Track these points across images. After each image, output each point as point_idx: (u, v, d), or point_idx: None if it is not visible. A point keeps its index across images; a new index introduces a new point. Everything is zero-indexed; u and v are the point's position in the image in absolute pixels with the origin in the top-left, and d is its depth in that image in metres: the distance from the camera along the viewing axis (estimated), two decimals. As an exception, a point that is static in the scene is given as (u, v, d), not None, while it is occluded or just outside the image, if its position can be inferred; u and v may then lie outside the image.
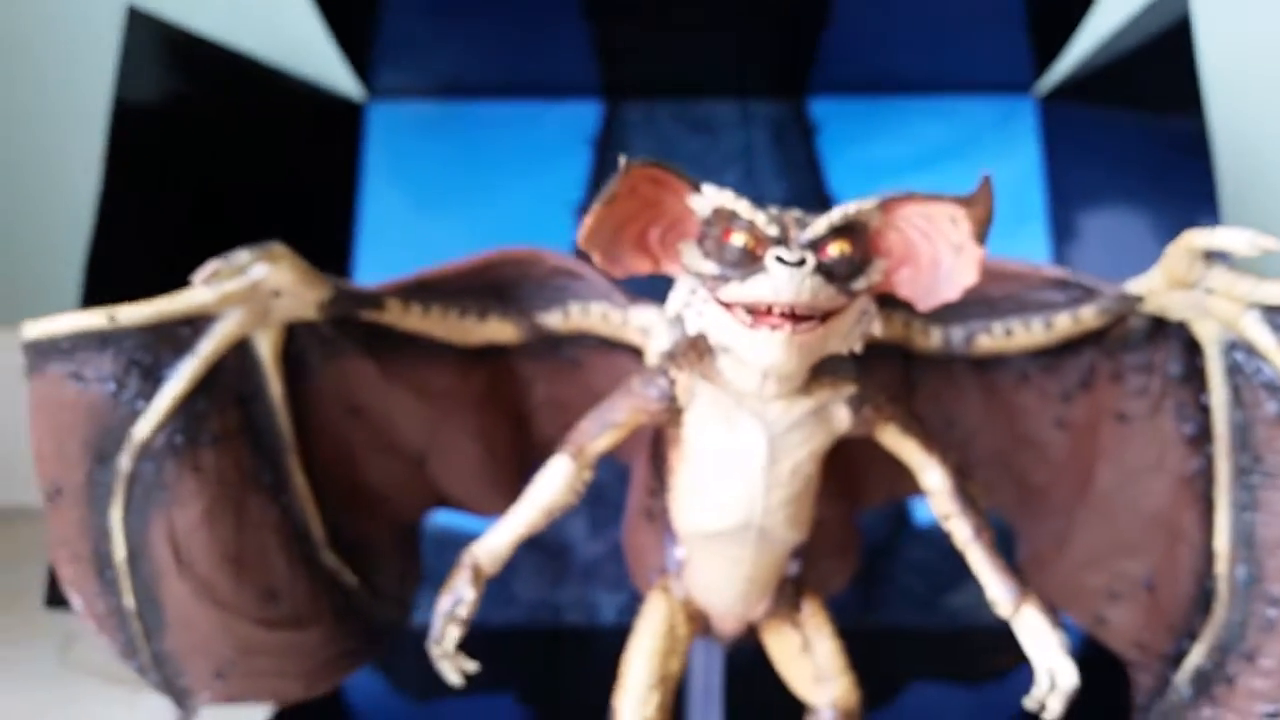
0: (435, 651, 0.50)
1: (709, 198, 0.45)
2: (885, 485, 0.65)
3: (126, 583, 0.55)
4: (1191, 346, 0.53)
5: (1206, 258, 0.50)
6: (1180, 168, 0.90)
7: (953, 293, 0.47)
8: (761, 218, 0.44)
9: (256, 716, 0.80)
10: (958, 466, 0.53)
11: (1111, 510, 0.59)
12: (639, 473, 0.62)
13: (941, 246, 0.46)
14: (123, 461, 0.52)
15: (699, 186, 0.45)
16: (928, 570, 0.96)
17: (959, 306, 0.57)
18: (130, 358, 0.51)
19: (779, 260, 0.42)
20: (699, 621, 0.58)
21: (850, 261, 0.45)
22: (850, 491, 0.64)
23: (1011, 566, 0.53)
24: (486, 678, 0.90)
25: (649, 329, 0.57)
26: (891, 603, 0.95)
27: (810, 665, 0.58)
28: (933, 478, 0.52)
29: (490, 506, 0.65)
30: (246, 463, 0.54)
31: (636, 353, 0.59)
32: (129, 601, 0.55)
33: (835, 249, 0.44)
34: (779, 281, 0.42)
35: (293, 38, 1.05)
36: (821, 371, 0.50)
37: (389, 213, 1.04)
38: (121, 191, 0.87)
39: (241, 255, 0.50)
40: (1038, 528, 0.64)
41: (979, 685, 0.88)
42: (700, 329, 0.47)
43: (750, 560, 0.52)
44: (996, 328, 0.57)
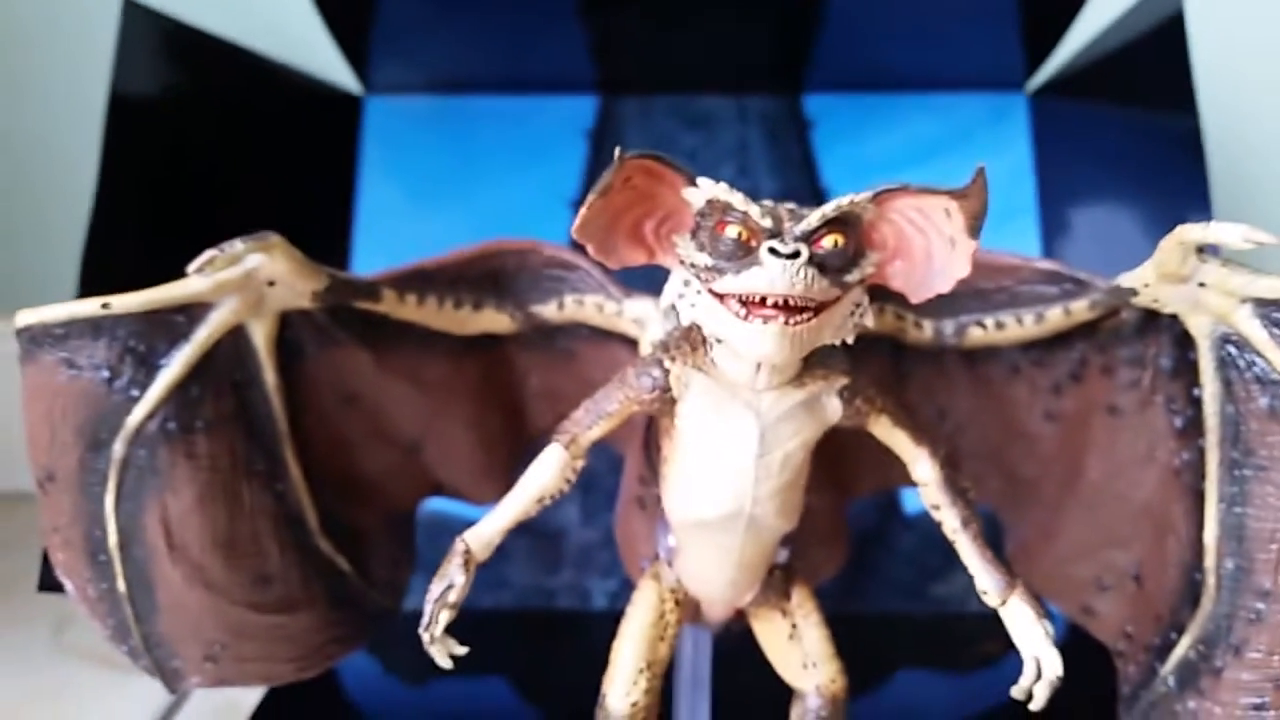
0: (426, 636, 0.51)
1: (704, 190, 0.45)
2: (875, 475, 0.65)
3: (119, 567, 0.55)
4: (1183, 340, 0.53)
5: (1200, 251, 0.50)
6: (1172, 164, 0.90)
7: (945, 285, 0.47)
8: (756, 210, 0.44)
9: (249, 699, 0.81)
10: (948, 458, 0.53)
11: (1100, 502, 0.59)
12: (631, 461, 0.62)
13: (935, 239, 0.47)
14: (116, 447, 0.52)
15: (694, 179, 0.46)
16: (916, 558, 0.97)
17: (951, 299, 0.57)
18: (124, 345, 0.51)
19: (773, 252, 0.43)
20: (688, 608, 0.58)
21: (843, 254, 0.45)
22: (840, 481, 0.65)
23: (999, 557, 0.53)
24: (479, 661, 0.91)
25: (643, 320, 0.57)
26: (880, 590, 0.96)
27: (798, 652, 0.58)
28: (923, 469, 0.53)
29: (484, 495, 0.66)
30: (240, 449, 0.55)
31: (631, 344, 0.59)
32: (121, 586, 0.56)
33: (829, 241, 0.45)
34: (773, 273, 0.43)
35: (290, 32, 1.05)
36: (814, 363, 0.50)
37: (386, 206, 1.05)
38: (119, 183, 0.86)
39: (236, 245, 0.50)
40: (1026, 519, 0.65)
41: (966, 673, 0.89)
42: (694, 320, 0.47)
43: (740, 548, 0.53)
44: (988, 320, 0.58)
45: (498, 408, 0.64)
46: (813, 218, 0.44)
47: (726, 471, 0.50)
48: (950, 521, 0.53)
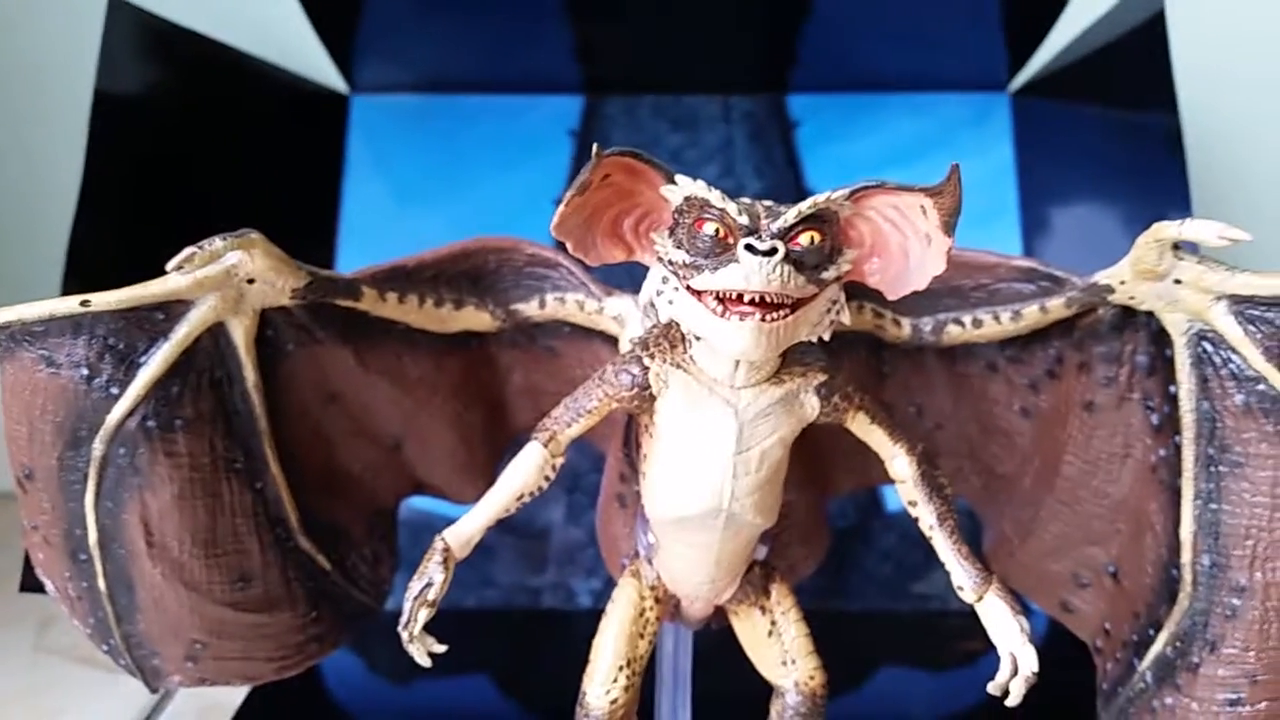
0: (404, 634, 0.51)
1: (682, 187, 0.46)
2: (854, 473, 0.65)
3: (99, 566, 0.55)
4: (1160, 337, 0.54)
5: (1175, 249, 0.50)
6: (1152, 163, 0.91)
7: (921, 282, 0.48)
8: (733, 207, 0.44)
9: (233, 699, 0.81)
10: (925, 455, 0.53)
11: (1077, 499, 0.60)
12: (612, 459, 0.63)
13: (911, 236, 0.47)
14: (95, 445, 0.52)
15: (673, 176, 0.46)
16: (898, 555, 0.97)
17: (929, 297, 0.58)
18: (103, 343, 0.51)
19: (749, 249, 0.43)
20: (668, 605, 0.59)
21: (820, 251, 0.46)
22: (819, 479, 0.65)
23: (976, 553, 0.53)
24: (463, 660, 0.91)
25: (623, 318, 0.57)
26: (861, 587, 0.97)
27: (777, 648, 0.59)
28: (900, 465, 0.53)
29: (466, 493, 0.66)
30: (220, 447, 0.55)
31: (612, 341, 0.59)
32: (101, 584, 0.56)
33: (805, 238, 0.45)
34: (749, 270, 0.43)
35: (276, 31, 1.05)
36: (791, 360, 0.51)
37: (371, 205, 1.05)
38: (103, 181, 0.87)
39: (216, 242, 0.50)
40: (1004, 515, 0.65)
41: (947, 670, 0.89)
42: (672, 317, 0.47)
43: (719, 545, 0.53)
44: (966, 318, 0.58)
45: (479, 406, 0.64)
46: (789, 215, 0.44)
47: (705, 468, 0.50)
48: (926, 518, 0.53)
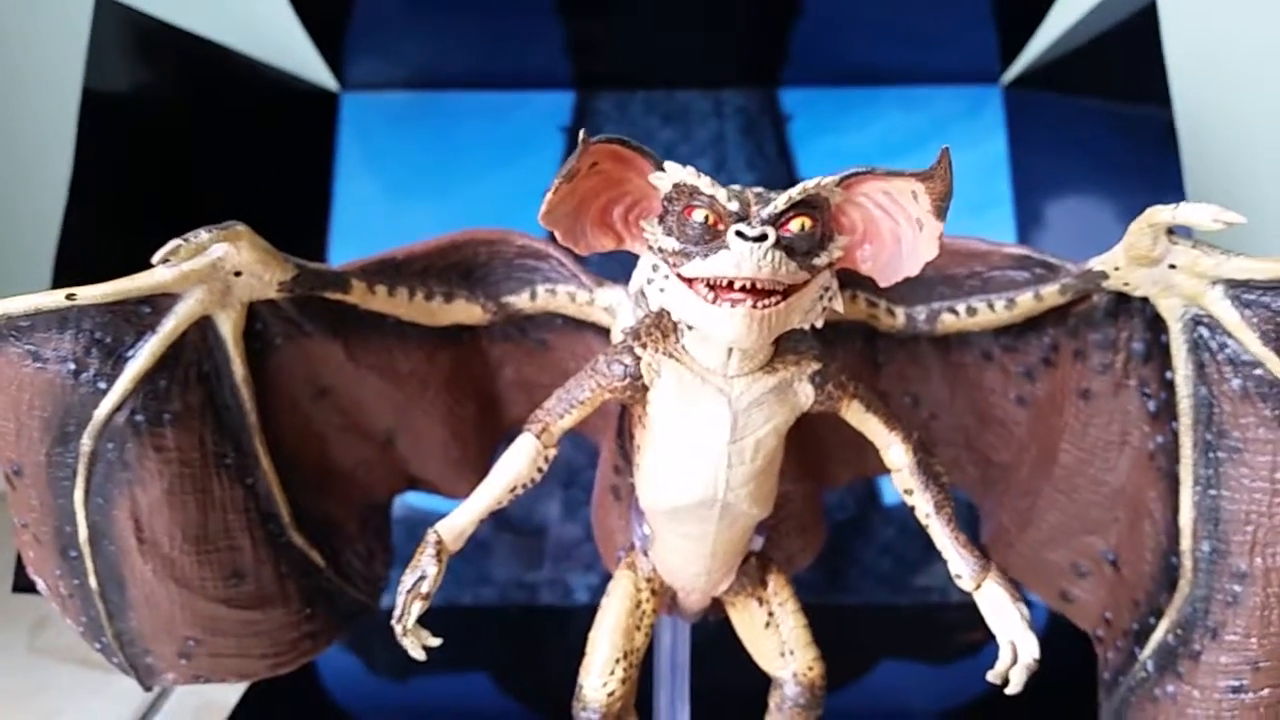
0: (398, 628, 0.50)
1: (671, 174, 0.45)
2: (851, 464, 0.65)
3: (89, 563, 0.55)
4: (1155, 323, 0.53)
5: (1170, 233, 0.50)
6: (1146, 154, 0.91)
7: (914, 268, 0.47)
8: (722, 193, 0.44)
9: (229, 698, 0.81)
10: (920, 443, 0.53)
11: (1075, 487, 0.59)
12: (606, 451, 0.62)
13: (902, 222, 0.47)
14: (84, 441, 0.52)
15: (661, 163, 0.46)
16: (897, 549, 0.97)
17: (923, 286, 0.58)
18: (90, 337, 0.50)
19: (739, 235, 0.43)
20: (664, 597, 0.58)
21: (811, 237, 0.45)
22: (815, 470, 0.65)
23: (974, 541, 0.53)
24: (461, 657, 0.91)
25: (615, 309, 0.57)
26: (860, 581, 0.97)
27: (775, 640, 0.58)
28: (895, 454, 0.53)
29: (459, 488, 0.65)
30: (209, 442, 0.54)
31: (604, 333, 0.59)
32: (92, 582, 0.55)
33: (796, 224, 0.45)
34: (740, 256, 0.43)
35: (266, 30, 1.05)
36: (785, 348, 0.50)
37: (362, 202, 1.05)
38: (92, 179, 0.86)
39: (201, 234, 0.50)
40: (1001, 505, 0.65)
41: (947, 662, 0.89)
42: (662, 305, 0.47)
43: (714, 536, 0.53)
44: (960, 306, 0.57)
45: (472, 400, 0.64)
46: (779, 201, 0.44)
47: (699, 458, 0.50)
48: (923, 506, 0.52)
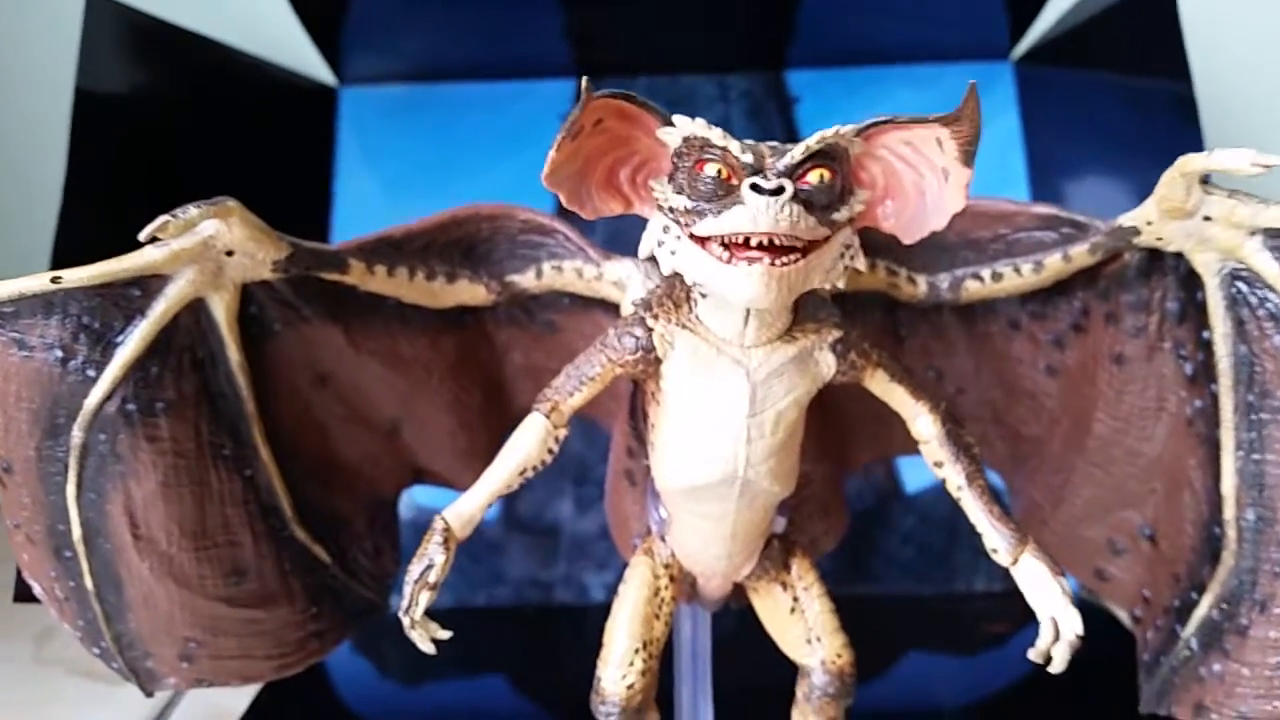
0: (406, 620, 0.48)
1: (680, 127, 0.43)
2: (874, 444, 0.63)
3: (85, 563, 0.53)
4: (1190, 280, 0.51)
5: (1204, 183, 0.48)
6: (1165, 129, 0.88)
7: (940, 221, 0.45)
8: (735, 145, 0.42)
9: (238, 705, 0.79)
10: (949, 412, 0.50)
11: (1109, 459, 0.57)
12: (618, 434, 0.60)
13: (926, 173, 0.45)
14: (75, 433, 0.50)
15: (669, 118, 0.43)
16: (919, 538, 0.95)
17: (945, 251, 0.55)
18: (78, 322, 0.48)
19: (755, 189, 0.40)
20: (684, 584, 0.56)
21: (831, 189, 0.43)
22: (837, 450, 0.62)
23: (1008, 512, 0.50)
24: (476, 659, 0.89)
25: (624, 282, 0.54)
26: (884, 571, 0.95)
27: (801, 626, 0.56)
28: (923, 424, 0.50)
29: (468, 480, 0.61)
30: (205, 431, 0.52)
31: (614, 310, 0.56)
32: (88, 582, 0.53)
33: (815, 176, 0.42)
34: (756, 211, 0.40)
35: (262, 25, 1.03)
36: (804, 316, 0.48)
37: (363, 197, 1.03)
38: (86, 179, 0.85)
39: (190, 210, 0.48)
40: (1033, 482, 0.62)
41: (975, 654, 0.87)
42: (675, 269, 0.45)
43: (734, 516, 0.50)
44: (985, 272, 0.55)
45: (478, 387, 0.61)
46: (796, 151, 0.42)
47: (717, 433, 0.47)
48: (954, 479, 0.50)
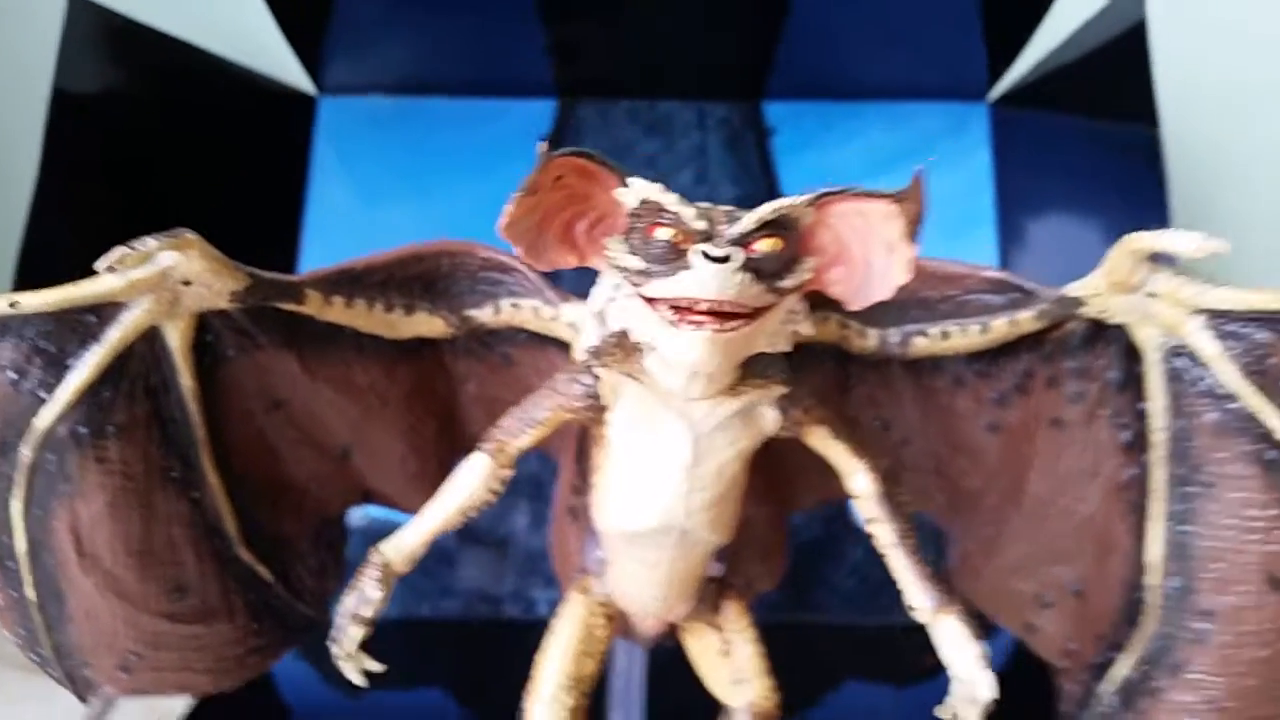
0: (337, 651, 0.49)
1: (636, 190, 0.44)
2: (818, 487, 0.63)
3: (26, 575, 0.53)
4: (1131, 352, 0.52)
5: (1151, 260, 0.49)
6: (1131, 174, 0.90)
7: (885, 293, 0.46)
8: (689, 212, 0.43)
9: (180, 704, 0.79)
10: (886, 472, 0.52)
11: (1043, 517, 0.58)
12: (565, 470, 0.61)
13: (874, 244, 0.46)
14: (23, 451, 0.50)
15: (626, 178, 0.44)
16: (864, 569, 0.96)
17: (896, 308, 0.56)
18: (32, 345, 0.49)
19: (705, 256, 0.41)
20: (618, 622, 0.57)
21: (779, 258, 0.44)
22: (779, 493, 0.63)
23: (935, 573, 0.52)
24: (420, 671, 0.90)
25: (579, 325, 0.55)
26: (827, 600, 0.96)
27: (731, 667, 0.57)
28: (860, 482, 0.51)
29: (416, 503, 0.62)
30: (154, 455, 0.53)
31: (568, 349, 0.57)
32: (30, 594, 0.54)
33: (764, 245, 0.43)
34: (704, 277, 0.42)
35: (244, 32, 1.03)
36: (750, 371, 0.49)
37: (337, 207, 1.04)
38: (60, 183, 0.85)
39: (149, 242, 0.48)
40: (970, 532, 0.63)
41: (912, 684, 0.89)
42: (623, 326, 0.46)
43: (670, 562, 0.51)
44: (933, 330, 0.56)
45: (432, 415, 0.62)
46: (747, 220, 0.43)
47: (657, 482, 0.49)
48: (886, 536, 0.51)
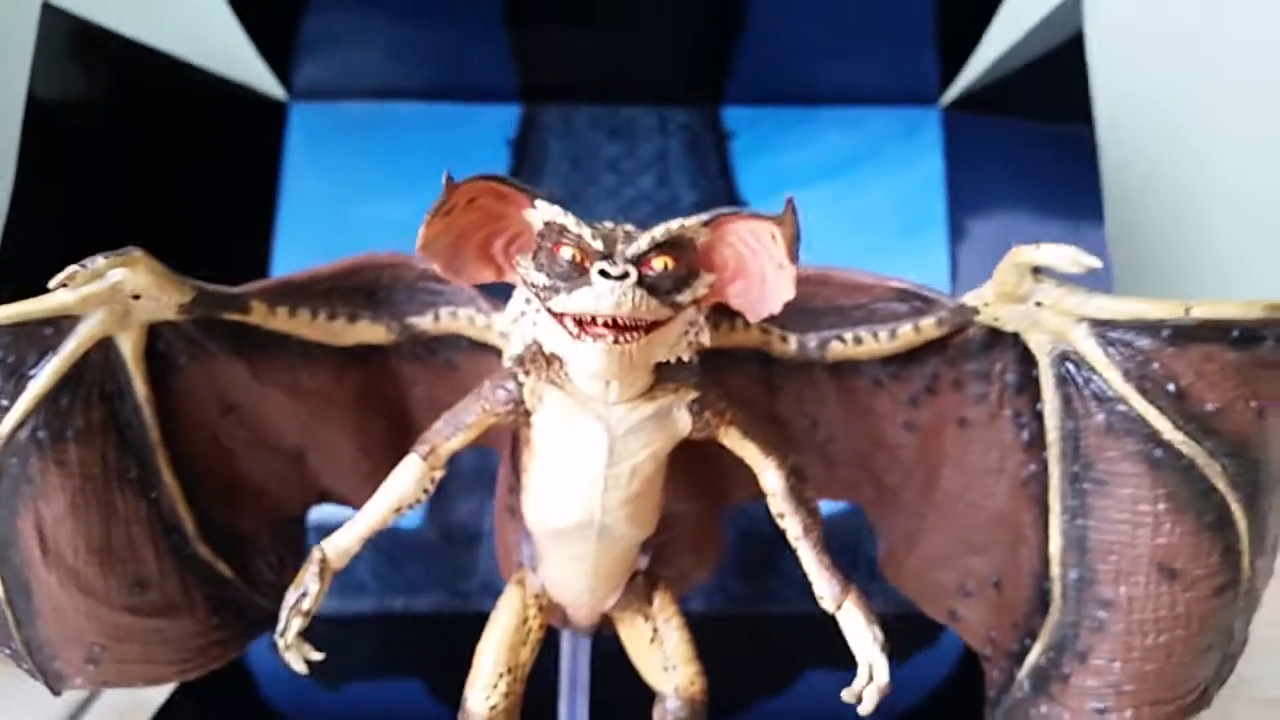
0: (280, 642, 0.52)
1: (541, 212, 0.48)
2: (747, 484, 0.67)
3: None
4: (1027, 356, 0.55)
5: (1036, 272, 0.52)
6: (1070, 176, 0.93)
7: (776, 306, 0.50)
8: (588, 232, 0.46)
9: (159, 698, 0.82)
10: (794, 469, 0.55)
11: (957, 510, 0.61)
12: (503, 471, 0.64)
13: (766, 262, 0.49)
14: None
15: (535, 199, 0.48)
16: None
17: (813, 316, 0.59)
18: None
19: (603, 274, 0.45)
20: (553, 613, 0.60)
21: (673, 275, 0.47)
22: (710, 490, 0.66)
23: (837, 564, 0.55)
24: (394, 664, 0.91)
25: (509, 334, 0.59)
26: (785, 591, 0.96)
27: (660, 655, 0.60)
28: (770, 479, 0.55)
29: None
30: (112, 457, 0.56)
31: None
32: (0, 591, 0.57)
33: (659, 263, 0.47)
34: (600, 293, 0.45)
35: (214, 39, 1.05)
36: (664, 377, 0.52)
37: (309, 211, 1.05)
38: (35, 189, 0.87)
39: (99, 260, 0.52)
40: (893, 526, 0.67)
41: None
42: (534, 337, 0.49)
43: (595, 555, 0.55)
44: (847, 335, 0.59)
45: (382, 417, 0.65)
46: (641, 241, 0.46)
47: (577, 481, 0.52)
48: (793, 529, 0.55)
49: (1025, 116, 0.99)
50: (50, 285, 0.51)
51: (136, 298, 0.54)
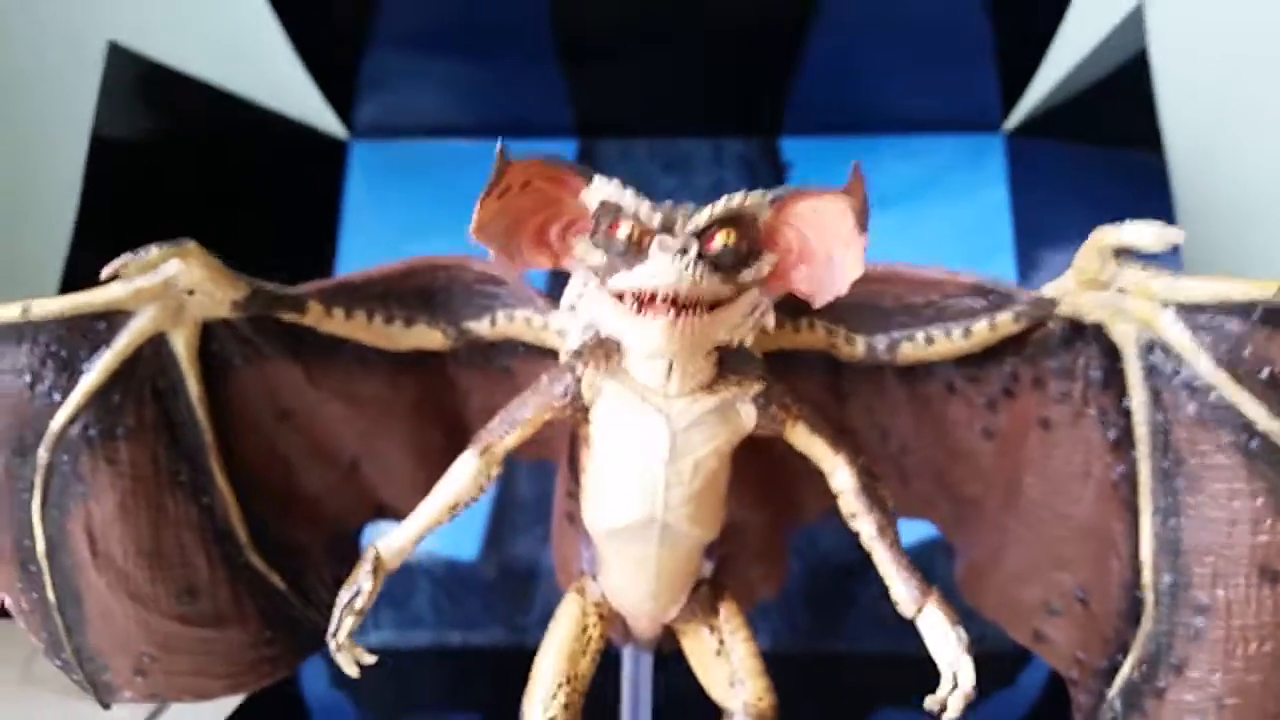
0: (332, 643, 0.50)
1: (597, 190, 0.46)
2: (819, 495, 0.64)
3: (48, 577, 0.56)
4: (1111, 350, 0.52)
5: (1118, 255, 0.49)
6: (1139, 200, 0.90)
7: (843, 287, 0.48)
8: (645, 207, 0.45)
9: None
10: (865, 467, 0.53)
11: (1041, 521, 0.58)
12: (561, 476, 0.63)
13: (833, 241, 0.47)
14: (40, 453, 0.53)
15: (590, 179, 0.46)
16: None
17: (882, 314, 0.57)
18: (45, 350, 0.52)
19: (662, 247, 0.43)
20: (613, 623, 0.58)
21: (735, 252, 0.46)
22: (778, 498, 0.64)
23: (915, 565, 0.52)
24: (453, 698, 0.90)
25: (566, 332, 0.57)
26: (859, 627, 0.95)
27: (725, 668, 0.58)
28: (840, 477, 0.52)
29: None
30: (163, 458, 0.55)
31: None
32: (50, 596, 0.56)
33: (720, 238, 0.45)
34: (660, 268, 0.44)
35: (276, 78, 1.07)
36: (728, 369, 0.51)
37: (369, 250, 1.07)
38: (97, 226, 0.88)
39: (151, 250, 0.51)
40: (973, 541, 0.64)
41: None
42: (593, 319, 0.47)
43: (657, 558, 0.52)
44: (918, 335, 0.57)
45: (439, 427, 0.64)
46: (703, 214, 0.45)
47: (638, 477, 0.50)
48: (867, 529, 0.52)
49: (1090, 141, 0.97)
50: (103, 274, 0.51)
51: (190, 293, 0.53)
